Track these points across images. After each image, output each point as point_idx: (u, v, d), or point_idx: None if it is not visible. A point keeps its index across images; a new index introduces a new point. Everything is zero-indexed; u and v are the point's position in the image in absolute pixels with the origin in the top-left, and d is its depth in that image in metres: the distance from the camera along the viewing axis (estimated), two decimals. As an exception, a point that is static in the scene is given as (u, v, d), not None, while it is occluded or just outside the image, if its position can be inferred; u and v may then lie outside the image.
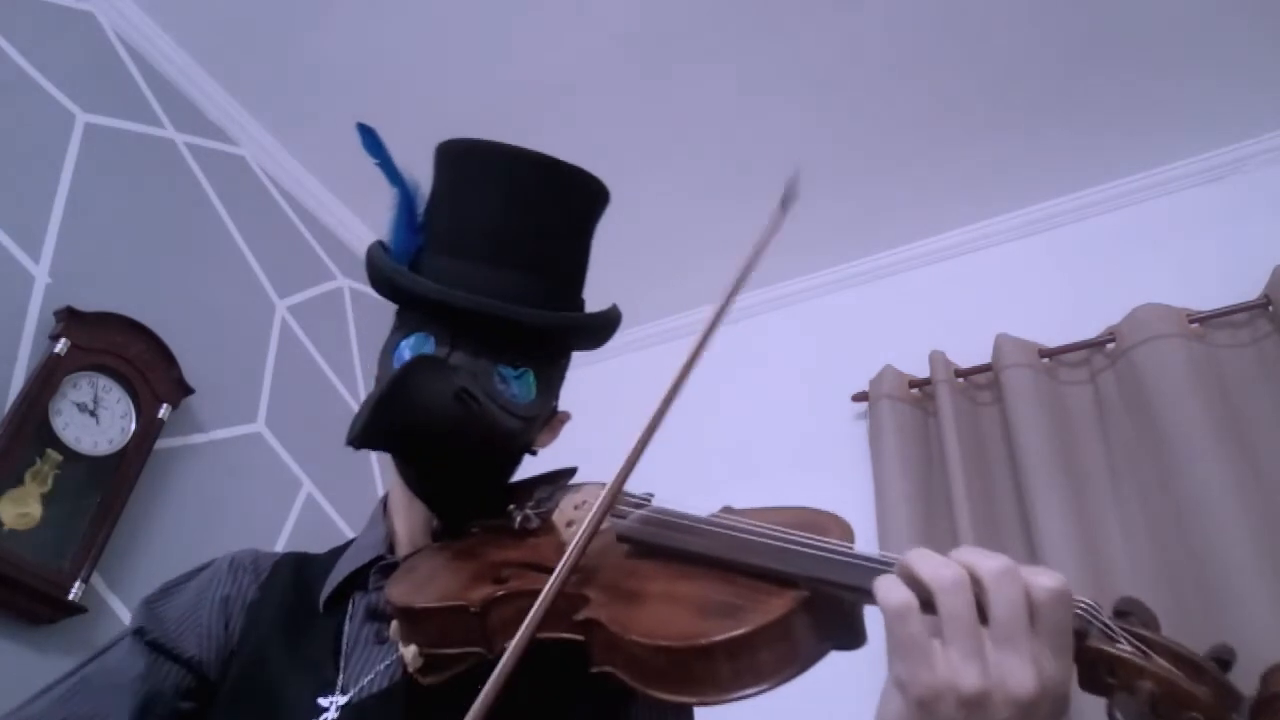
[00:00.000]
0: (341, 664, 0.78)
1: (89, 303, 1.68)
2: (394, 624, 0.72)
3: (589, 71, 2.01)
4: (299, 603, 0.84)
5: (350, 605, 0.83)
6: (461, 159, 0.86)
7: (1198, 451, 1.67)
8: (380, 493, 0.94)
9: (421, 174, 0.91)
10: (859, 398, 2.14)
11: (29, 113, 1.77)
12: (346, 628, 0.81)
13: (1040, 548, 1.69)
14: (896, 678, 0.50)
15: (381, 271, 0.83)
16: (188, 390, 1.81)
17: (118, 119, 1.94)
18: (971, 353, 2.04)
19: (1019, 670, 0.47)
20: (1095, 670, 0.50)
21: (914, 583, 0.50)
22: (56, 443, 1.58)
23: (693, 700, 0.55)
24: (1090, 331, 1.96)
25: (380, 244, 0.87)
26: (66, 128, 1.83)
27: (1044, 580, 0.48)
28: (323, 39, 2.01)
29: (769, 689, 0.53)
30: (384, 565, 0.85)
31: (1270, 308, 1.80)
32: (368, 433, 0.74)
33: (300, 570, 0.89)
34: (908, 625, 0.49)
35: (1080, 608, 0.51)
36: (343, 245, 2.45)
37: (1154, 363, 1.80)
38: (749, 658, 0.53)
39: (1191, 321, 1.84)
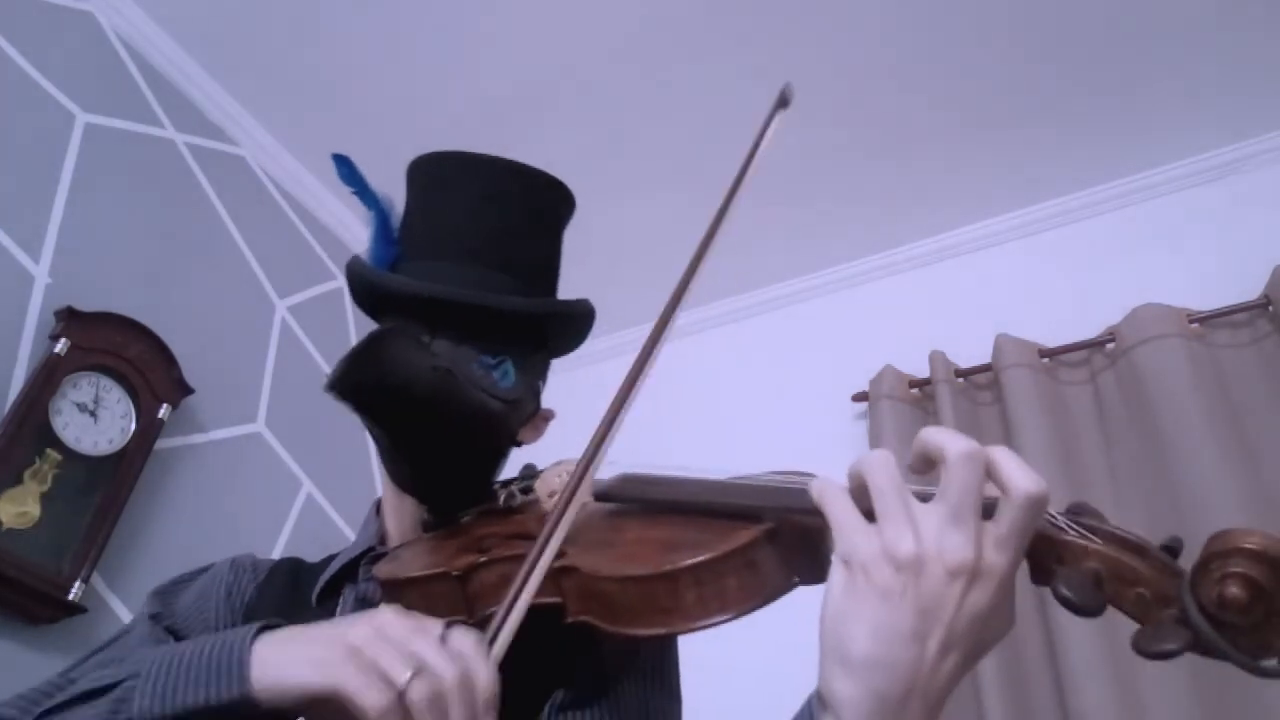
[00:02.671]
0: None
1: (89, 303, 1.68)
2: (380, 607, 0.73)
3: (588, 71, 2.00)
4: (293, 600, 0.86)
5: (341, 598, 0.85)
6: (432, 169, 0.90)
7: (1198, 451, 1.67)
8: (379, 494, 0.96)
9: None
10: (859, 398, 2.14)
11: (29, 113, 1.77)
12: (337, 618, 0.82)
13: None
14: (839, 553, 0.51)
15: (362, 278, 0.86)
16: (188, 390, 1.80)
17: (118, 119, 1.94)
18: (971, 353, 2.04)
19: (961, 543, 0.48)
20: (1043, 558, 0.51)
21: (853, 476, 0.53)
22: (56, 442, 1.58)
23: (661, 631, 0.57)
24: (1090, 331, 1.96)
25: (358, 258, 0.89)
26: (66, 128, 1.83)
27: (1024, 482, 0.48)
28: (323, 39, 2.01)
29: (734, 617, 0.55)
30: (374, 556, 0.86)
31: (1270, 308, 1.80)
32: (344, 381, 0.74)
33: (296, 573, 0.91)
34: (836, 505, 0.52)
35: None
36: (343, 245, 2.44)
37: (1154, 363, 1.80)
38: (714, 584, 0.55)
39: (1191, 321, 1.84)
